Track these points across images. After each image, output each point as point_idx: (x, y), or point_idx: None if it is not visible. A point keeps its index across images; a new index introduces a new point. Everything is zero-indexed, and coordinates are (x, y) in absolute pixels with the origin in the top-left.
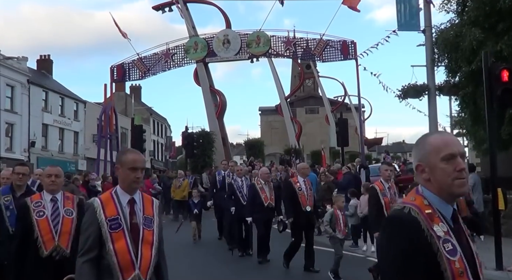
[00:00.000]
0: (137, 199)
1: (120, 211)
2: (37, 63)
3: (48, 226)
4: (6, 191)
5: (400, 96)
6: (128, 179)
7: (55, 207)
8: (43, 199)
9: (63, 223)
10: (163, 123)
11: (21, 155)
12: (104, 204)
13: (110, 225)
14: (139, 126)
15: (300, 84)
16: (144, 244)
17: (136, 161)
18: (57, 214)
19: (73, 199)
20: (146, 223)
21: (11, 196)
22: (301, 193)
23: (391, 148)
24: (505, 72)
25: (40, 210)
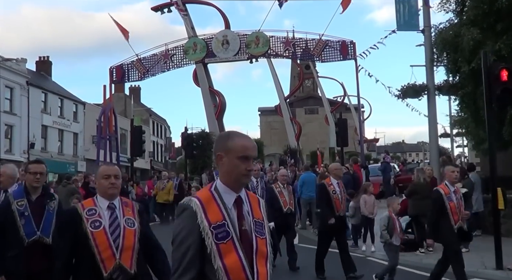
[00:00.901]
0: (244, 198)
1: (226, 215)
2: (36, 64)
3: (107, 240)
4: (19, 194)
5: (400, 96)
6: (236, 172)
7: (113, 216)
8: (98, 206)
9: (124, 236)
10: (162, 124)
11: (21, 157)
12: (205, 206)
13: (215, 233)
14: (139, 127)
15: (299, 84)
16: (259, 257)
17: (248, 148)
18: (117, 225)
19: (132, 206)
20: (258, 230)
21: (25, 200)
22: (335, 196)
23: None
24: (505, 72)
25: (95, 220)
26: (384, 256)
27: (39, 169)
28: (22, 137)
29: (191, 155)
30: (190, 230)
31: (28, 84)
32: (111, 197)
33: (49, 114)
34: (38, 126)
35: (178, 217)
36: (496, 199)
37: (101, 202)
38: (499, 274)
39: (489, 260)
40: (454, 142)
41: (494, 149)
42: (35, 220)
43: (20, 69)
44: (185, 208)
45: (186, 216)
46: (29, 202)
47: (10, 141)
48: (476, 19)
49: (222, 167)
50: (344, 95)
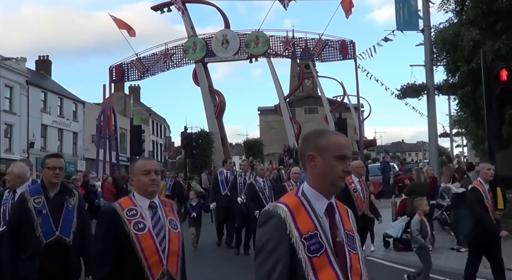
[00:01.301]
0: (335, 206)
1: (318, 224)
2: (36, 64)
3: (154, 244)
4: (36, 190)
5: (399, 95)
6: (333, 174)
7: (156, 216)
8: (137, 206)
9: (170, 239)
10: (162, 123)
11: (20, 156)
12: (294, 213)
13: (307, 245)
14: (138, 126)
15: (299, 84)
16: (354, 275)
17: (345, 146)
18: (161, 227)
19: (171, 205)
20: (350, 244)
21: (43, 197)
22: (356, 194)
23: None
24: (504, 71)
25: (138, 221)
26: (383, 255)
27: (58, 164)
28: (21, 136)
29: (191, 155)
30: (279, 241)
31: (28, 83)
32: (151, 195)
33: (49, 114)
34: (38, 125)
35: (263, 225)
36: (495, 199)
37: (140, 201)
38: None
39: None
40: (453, 142)
41: (493, 148)
42: (53, 219)
43: (20, 68)
44: (272, 215)
45: (273, 225)
46: (46, 199)
47: (10, 140)
48: (475, 19)
49: (314, 169)
50: (344, 95)
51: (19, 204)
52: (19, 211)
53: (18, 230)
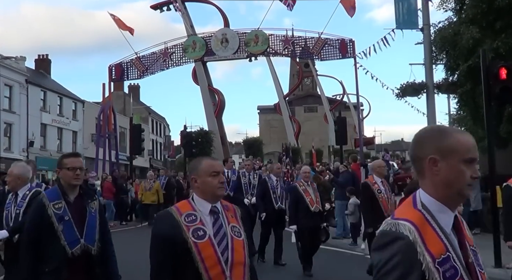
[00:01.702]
0: (460, 219)
1: (448, 244)
2: (35, 62)
3: (215, 253)
4: (54, 195)
5: (399, 94)
6: (461, 182)
7: (218, 223)
8: (197, 210)
9: (233, 248)
10: (161, 122)
11: (20, 155)
12: (422, 233)
13: (442, 272)
14: (138, 125)
15: (298, 82)
16: None
17: (474, 147)
18: (223, 235)
19: (234, 210)
20: (477, 262)
21: (63, 202)
22: (381, 196)
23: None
24: (504, 70)
25: (198, 228)
26: None
27: (77, 164)
28: (21, 135)
29: (190, 154)
30: (408, 269)
31: (27, 82)
32: (217, 199)
33: (48, 112)
34: (37, 124)
35: (385, 248)
36: (495, 197)
37: (200, 205)
38: (497, 272)
39: (487, 258)
40: None
41: (493, 147)
42: (76, 226)
43: (19, 67)
44: (397, 237)
45: (400, 249)
46: (67, 204)
47: (9, 139)
48: (475, 18)
49: (435, 176)
50: (343, 94)
51: (37, 211)
52: (38, 219)
53: (38, 240)
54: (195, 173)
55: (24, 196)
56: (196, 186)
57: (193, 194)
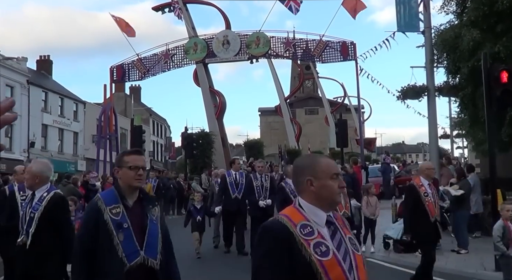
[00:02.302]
0: None
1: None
2: (37, 63)
3: (343, 274)
4: (111, 198)
5: (400, 97)
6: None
7: (336, 236)
8: (311, 221)
9: (357, 266)
10: (162, 123)
11: (21, 156)
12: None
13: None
14: (139, 126)
15: (299, 85)
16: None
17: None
18: (345, 251)
19: (341, 218)
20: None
21: (121, 206)
22: (427, 199)
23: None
24: (505, 73)
25: (319, 243)
26: (383, 257)
27: (140, 162)
28: (22, 136)
29: (191, 155)
30: None
31: (29, 83)
32: (334, 207)
33: (49, 113)
34: (38, 125)
35: None
36: (495, 201)
37: (313, 213)
38: (498, 275)
39: (488, 261)
40: (454, 143)
41: (493, 150)
42: (136, 235)
43: (21, 68)
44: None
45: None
46: (126, 209)
47: (10, 140)
48: (476, 21)
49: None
50: (344, 96)
51: (92, 216)
52: (93, 226)
53: (93, 250)
54: (311, 174)
55: (41, 198)
56: (312, 190)
57: (299, 200)
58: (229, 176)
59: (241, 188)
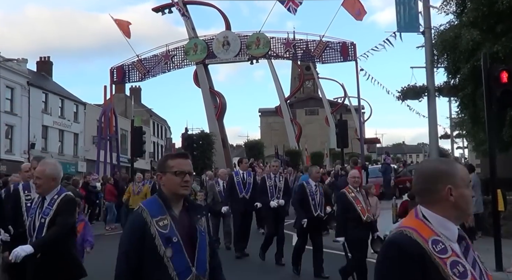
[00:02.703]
0: None
1: None
2: (37, 65)
3: None
4: (156, 208)
5: (400, 97)
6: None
7: (469, 254)
8: (440, 235)
9: None
10: (163, 124)
11: (21, 157)
12: None
13: None
14: (139, 127)
15: (300, 85)
16: None
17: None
18: (480, 271)
19: None
20: None
21: (168, 218)
22: None
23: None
24: (505, 74)
25: (455, 262)
26: None
27: (187, 167)
28: (22, 137)
29: (191, 156)
30: None
31: (29, 84)
32: (465, 219)
33: (50, 115)
34: (39, 126)
35: None
36: (496, 201)
37: (444, 227)
38: (499, 275)
39: (488, 261)
40: (454, 144)
41: (494, 150)
42: (186, 249)
43: (21, 69)
44: None
45: None
46: (173, 220)
47: (11, 141)
48: (476, 21)
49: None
50: (345, 96)
51: (137, 229)
52: (138, 240)
53: (139, 269)
54: (451, 181)
55: (52, 201)
56: (450, 200)
57: (422, 210)
58: (237, 175)
59: (248, 187)
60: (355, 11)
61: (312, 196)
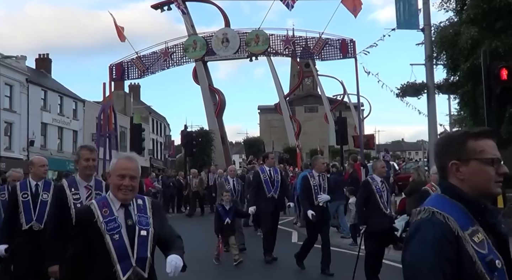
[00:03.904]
0: None
1: None
2: (36, 62)
3: None
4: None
5: (399, 94)
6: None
7: None
8: None
9: None
10: (162, 122)
11: (20, 154)
12: None
13: None
14: (138, 125)
15: (299, 82)
16: None
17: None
18: None
19: None
20: None
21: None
22: None
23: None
24: (504, 71)
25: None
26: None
27: None
28: (21, 135)
29: (191, 153)
30: None
31: (28, 82)
32: None
33: (49, 112)
34: (38, 123)
35: None
36: (495, 198)
37: None
38: None
39: None
40: None
41: None
42: None
43: (20, 66)
44: None
45: None
46: None
47: (10, 139)
48: (475, 18)
49: None
50: (344, 94)
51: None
52: None
53: None
54: None
55: None
56: None
57: None
58: (263, 172)
59: (277, 186)
60: (352, 7)
61: (379, 193)
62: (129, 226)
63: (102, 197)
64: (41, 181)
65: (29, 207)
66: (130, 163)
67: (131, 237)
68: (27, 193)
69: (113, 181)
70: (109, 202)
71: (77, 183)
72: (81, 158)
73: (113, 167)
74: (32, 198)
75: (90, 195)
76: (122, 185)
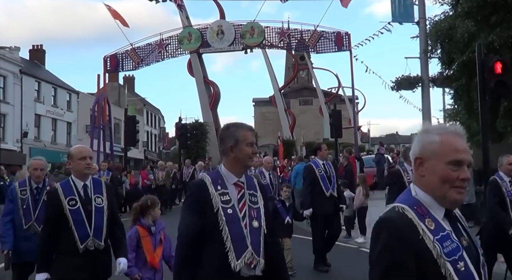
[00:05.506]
0: None
1: None
2: (30, 53)
3: None
4: None
5: (394, 87)
6: None
7: None
8: None
9: None
10: (156, 114)
11: (13, 146)
12: None
13: None
14: (133, 117)
15: (294, 75)
16: None
17: None
18: None
19: None
20: None
21: None
22: None
23: (384, 139)
24: (499, 64)
25: None
26: None
27: None
28: (15, 126)
29: (185, 145)
30: None
31: (22, 73)
32: None
33: (43, 103)
34: (31, 115)
35: None
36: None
37: None
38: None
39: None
40: None
41: (487, 141)
42: None
43: (13, 57)
44: None
45: None
46: None
47: (3, 130)
48: (470, 11)
49: None
50: (339, 86)
51: None
52: None
53: None
54: None
55: None
56: None
57: None
58: (317, 167)
59: (334, 181)
60: None
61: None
62: None
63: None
64: (88, 180)
65: (82, 218)
66: None
67: None
68: (75, 199)
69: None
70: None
71: None
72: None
73: None
74: (82, 205)
75: None
76: None
